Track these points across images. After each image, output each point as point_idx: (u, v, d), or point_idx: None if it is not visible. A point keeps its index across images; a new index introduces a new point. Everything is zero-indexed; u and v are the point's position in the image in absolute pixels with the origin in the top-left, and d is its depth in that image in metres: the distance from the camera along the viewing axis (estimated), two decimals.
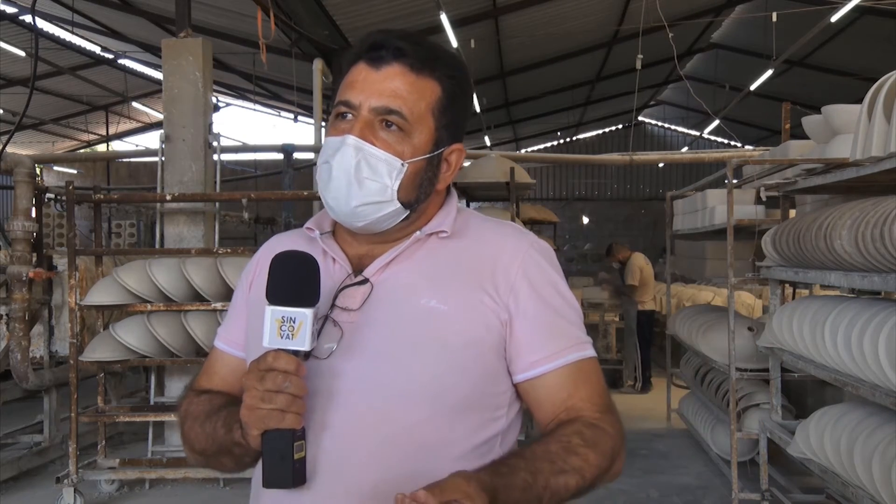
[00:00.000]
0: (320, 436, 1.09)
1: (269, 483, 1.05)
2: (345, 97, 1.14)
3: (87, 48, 13.25)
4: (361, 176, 1.11)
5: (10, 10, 10.69)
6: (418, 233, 1.17)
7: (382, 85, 1.12)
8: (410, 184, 1.14)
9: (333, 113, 1.17)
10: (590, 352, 1.18)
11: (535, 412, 1.17)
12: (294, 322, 1.02)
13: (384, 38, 1.14)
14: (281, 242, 1.30)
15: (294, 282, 1.05)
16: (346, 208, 1.13)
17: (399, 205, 1.14)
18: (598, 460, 1.08)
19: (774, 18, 8.93)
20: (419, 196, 1.16)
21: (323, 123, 8.28)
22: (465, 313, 1.12)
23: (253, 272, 1.28)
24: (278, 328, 1.02)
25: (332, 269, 1.19)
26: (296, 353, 1.02)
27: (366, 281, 1.15)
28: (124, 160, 19.96)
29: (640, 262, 8.60)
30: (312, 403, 1.09)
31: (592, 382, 1.17)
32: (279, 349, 1.02)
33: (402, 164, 1.13)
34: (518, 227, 1.26)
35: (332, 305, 1.14)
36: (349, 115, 1.14)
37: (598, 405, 1.15)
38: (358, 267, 1.18)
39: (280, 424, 1.01)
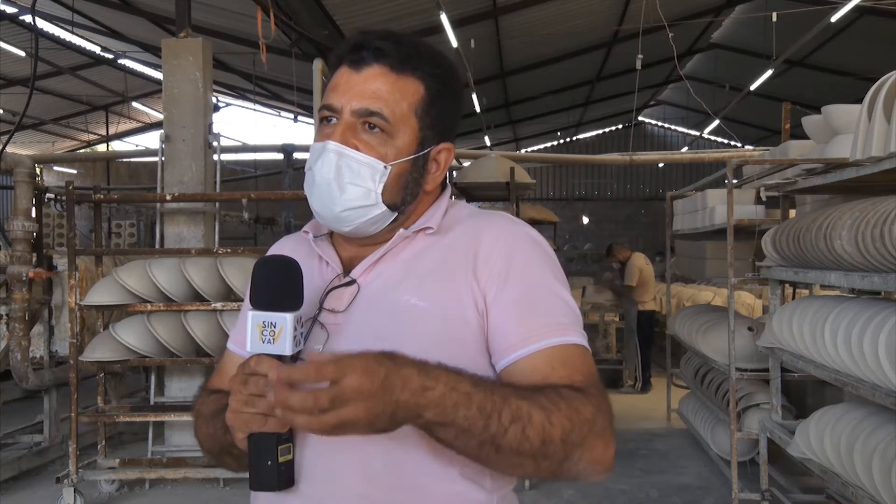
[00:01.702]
0: (306, 439, 1.09)
1: (255, 486, 1.05)
2: (327, 101, 1.14)
3: (87, 48, 13.24)
4: (344, 181, 1.11)
5: (10, 10, 10.68)
6: (402, 230, 1.16)
7: (363, 87, 1.11)
8: (395, 186, 1.13)
9: (318, 117, 1.17)
10: (574, 338, 1.09)
11: None
12: (275, 327, 1.02)
13: (364, 39, 1.13)
14: (283, 246, 1.30)
15: (275, 287, 1.05)
16: (331, 214, 1.13)
17: (385, 207, 1.13)
18: (569, 413, 0.99)
19: (774, 18, 8.94)
20: (405, 197, 1.15)
21: None
22: (444, 309, 1.10)
23: None
24: (259, 333, 1.02)
25: (325, 272, 1.19)
26: (280, 357, 1.02)
27: (353, 282, 1.15)
28: (124, 160, 19.96)
29: (639, 263, 8.60)
30: None
31: (575, 366, 1.08)
32: (262, 353, 1.02)
33: (385, 167, 1.12)
34: (508, 217, 1.22)
35: (320, 307, 1.14)
36: (332, 119, 1.14)
37: (578, 382, 1.05)
38: (349, 268, 1.18)
39: (263, 428, 1.01)
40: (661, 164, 18.89)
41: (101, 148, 20.19)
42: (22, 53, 11.82)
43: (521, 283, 1.11)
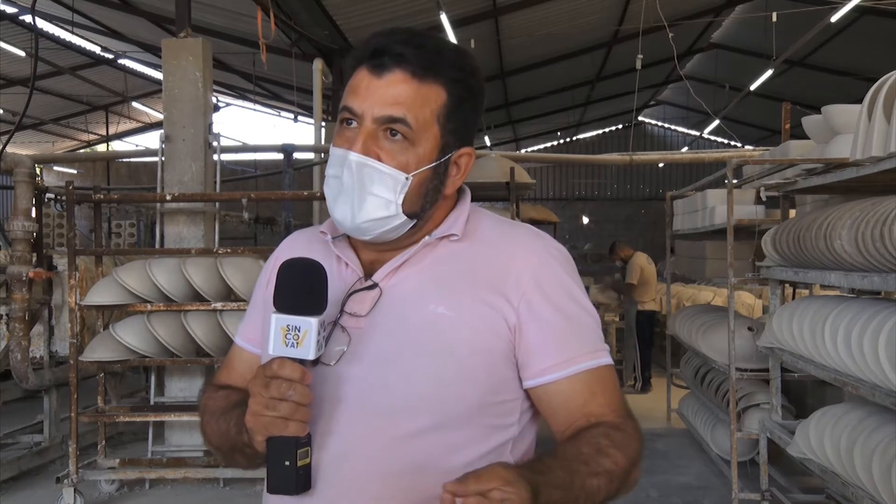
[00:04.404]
0: (325, 442, 1.08)
1: (272, 489, 1.05)
2: (348, 103, 1.12)
3: (87, 48, 13.25)
4: (365, 193, 1.10)
5: (10, 10, 10.68)
6: (428, 237, 1.16)
7: (385, 92, 1.09)
8: (415, 195, 1.12)
9: (339, 118, 1.15)
10: (605, 359, 1.15)
11: (548, 420, 1.15)
12: (299, 331, 1.01)
13: (385, 42, 1.11)
14: (298, 241, 1.29)
15: (300, 290, 1.04)
16: (352, 224, 1.12)
17: (405, 217, 1.12)
18: (624, 464, 1.06)
19: (774, 18, 8.93)
20: (425, 205, 1.14)
21: (323, 123, 8.29)
22: (472, 320, 1.10)
23: (270, 271, 1.26)
24: (283, 336, 1.02)
25: (344, 274, 1.18)
26: (301, 361, 1.01)
27: (375, 286, 1.14)
28: (124, 160, 19.96)
29: (641, 262, 8.60)
30: (318, 409, 1.08)
31: (609, 390, 1.14)
32: (285, 357, 1.01)
33: (407, 178, 1.10)
34: (534, 231, 1.22)
35: (342, 311, 1.14)
36: (353, 123, 1.12)
37: (617, 411, 1.12)
38: (370, 271, 1.16)
39: (283, 432, 1.01)
40: (661, 164, 18.88)
41: (101, 148, 20.19)
42: (22, 53, 11.82)
43: (554, 302, 1.13)
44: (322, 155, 7.88)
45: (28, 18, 10.02)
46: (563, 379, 1.11)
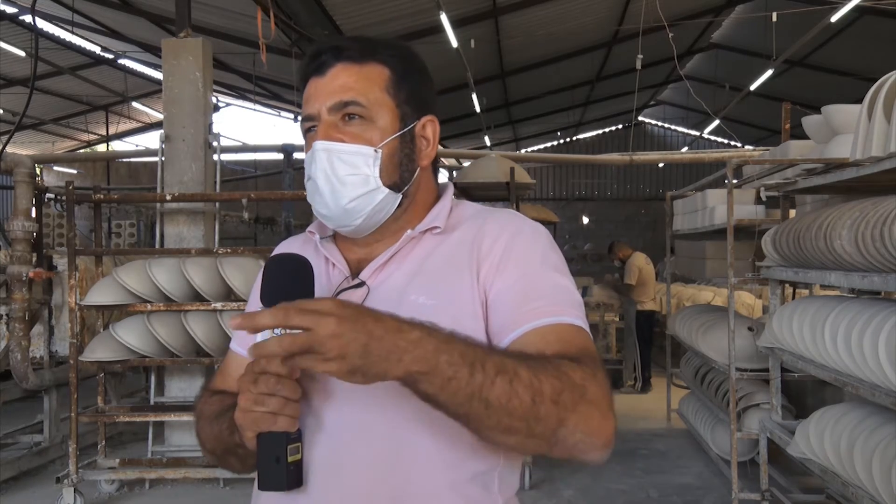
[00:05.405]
0: (315, 438, 1.09)
1: (263, 485, 1.05)
2: (304, 112, 1.17)
3: (87, 48, 13.23)
4: (341, 175, 1.13)
5: (10, 10, 10.68)
6: (410, 231, 1.17)
7: (332, 85, 1.14)
8: (390, 166, 1.15)
9: (302, 131, 1.19)
10: (569, 318, 1.08)
11: None
12: None
13: (322, 46, 1.17)
14: (292, 245, 1.31)
15: (287, 284, 1.05)
16: (338, 210, 1.14)
17: (387, 190, 1.15)
18: (557, 374, 0.96)
19: (774, 18, 8.94)
20: (403, 175, 1.17)
21: None
22: (453, 306, 1.10)
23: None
24: (271, 331, 1.01)
25: (332, 274, 1.20)
26: None
27: (362, 284, 1.16)
28: (124, 160, 19.96)
29: (639, 262, 8.60)
30: (308, 406, 1.09)
31: (570, 340, 1.06)
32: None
33: (376, 151, 1.14)
34: (512, 212, 1.23)
35: None
36: (314, 127, 1.16)
37: (572, 354, 1.03)
38: (356, 271, 1.18)
39: (273, 427, 1.00)
40: (661, 164, 18.89)
41: (101, 148, 20.18)
42: (22, 53, 11.80)
43: (517, 270, 1.12)
44: None
45: (28, 18, 10.02)
46: (518, 336, 1.07)
